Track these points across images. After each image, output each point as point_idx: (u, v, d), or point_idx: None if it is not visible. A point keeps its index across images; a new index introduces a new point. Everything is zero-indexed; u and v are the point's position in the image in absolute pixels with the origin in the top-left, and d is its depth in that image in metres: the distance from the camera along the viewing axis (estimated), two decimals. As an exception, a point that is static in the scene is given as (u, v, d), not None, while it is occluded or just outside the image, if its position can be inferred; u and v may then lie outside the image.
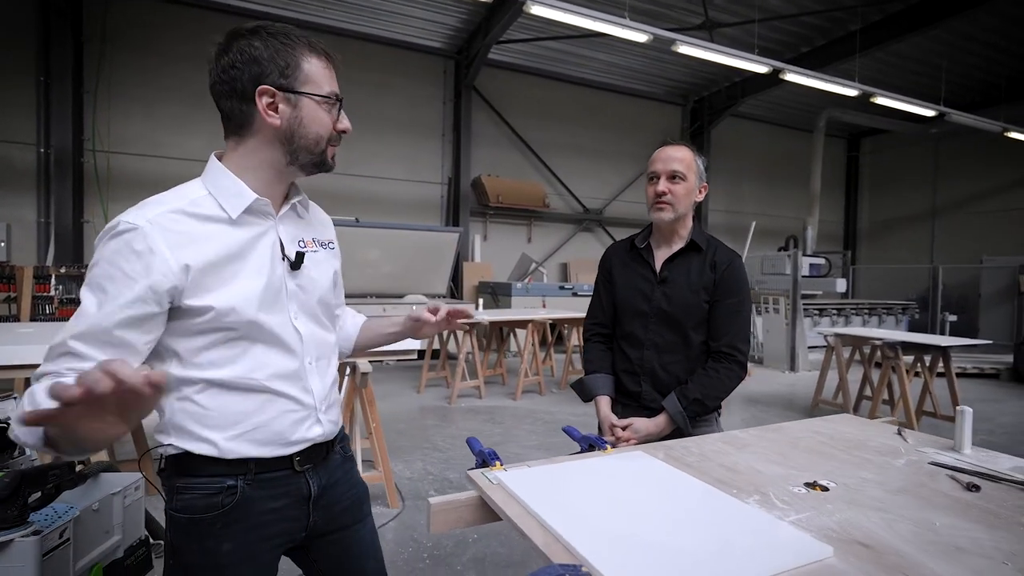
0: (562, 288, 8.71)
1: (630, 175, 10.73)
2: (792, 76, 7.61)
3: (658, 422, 1.49)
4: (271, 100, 0.91)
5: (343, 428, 1.15)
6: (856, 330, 5.11)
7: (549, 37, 8.51)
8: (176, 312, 0.89)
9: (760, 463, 1.17)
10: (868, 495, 1.01)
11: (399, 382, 6.29)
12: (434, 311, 1.17)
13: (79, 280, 5.10)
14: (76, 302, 4.97)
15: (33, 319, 4.50)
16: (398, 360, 7.33)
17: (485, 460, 1.13)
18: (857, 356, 5.16)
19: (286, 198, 1.02)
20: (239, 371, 0.93)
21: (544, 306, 7.96)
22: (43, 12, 6.92)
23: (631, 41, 6.96)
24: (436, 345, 6.17)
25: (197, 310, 0.89)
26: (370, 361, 2.94)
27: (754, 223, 8.62)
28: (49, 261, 6.94)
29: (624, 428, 1.49)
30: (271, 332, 0.96)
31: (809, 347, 7.78)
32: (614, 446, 1.41)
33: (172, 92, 7.47)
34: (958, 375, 6.44)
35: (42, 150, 7.04)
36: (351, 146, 8.57)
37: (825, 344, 5.10)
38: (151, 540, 1.66)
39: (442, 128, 9.31)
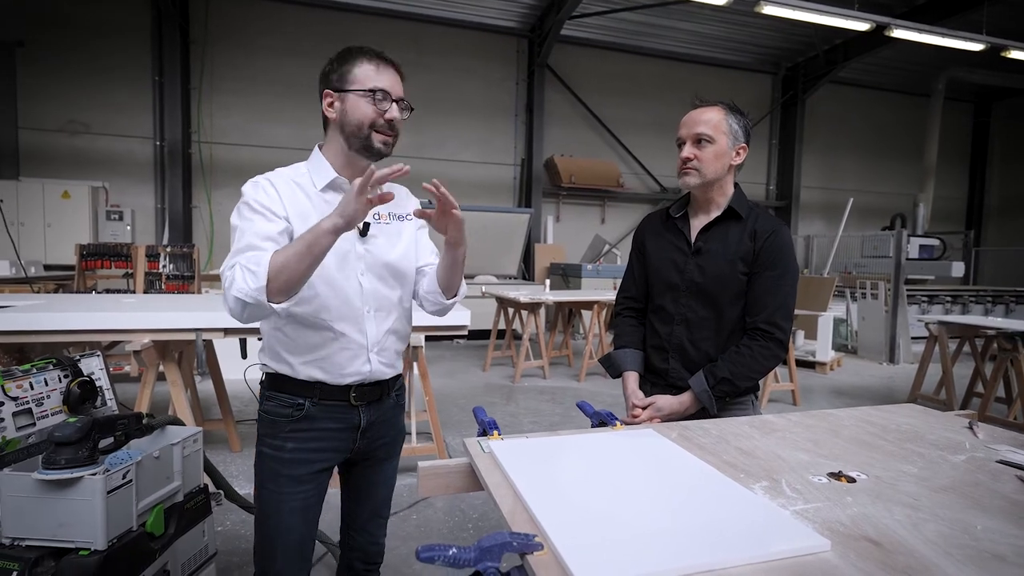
0: (635, 270, 8.45)
1: (712, 151, 10.12)
2: (901, 32, 6.76)
3: (682, 400, 1.40)
4: (330, 100, 1.20)
5: (401, 377, 1.38)
6: (965, 318, 4.51)
7: (624, 8, 8.17)
8: None
9: (784, 449, 1.07)
10: (901, 490, 0.89)
11: (466, 360, 6.44)
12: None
13: (185, 259, 5.66)
14: (181, 278, 5.54)
15: (146, 292, 5.08)
16: (466, 340, 7.52)
17: (485, 430, 1.12)
18: (967, 348, 4.57)
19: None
20: (312, 309, 1.19)
21: (615, 288, 7.78)
22: (156, 20, 7.67)
23: (712, 5, 6.50)
24: (502, 325, 6.23)
25: None
26: (426, 337, 3.01)
27: (851, 200, 7.84)
28: (164, 242, 7.80)
29: (646, 407, 1.41)
30: (338, 281, 1.21)
31: (914, 337, 7.01)
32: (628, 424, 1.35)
33: (262, 84, 8.04)
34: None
35: (158, 143, 7.88)
36: (425, 130, 8.80)
37: (928, 335, 4.55)
38: (210, 488, 1.83)
39: (515, 108, 9.28)
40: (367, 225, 1.26)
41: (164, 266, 5.20)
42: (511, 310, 6.12)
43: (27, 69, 7.35)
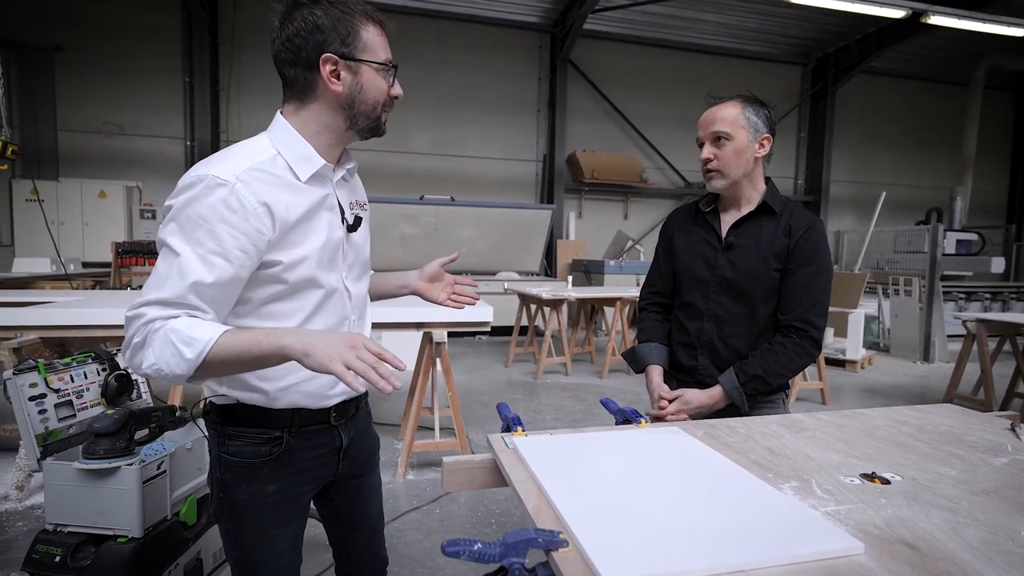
0: (658, 266, 8.35)
1: (739, 145, 9.91)
2: (939, 19, 6.51)
3: (712, 394, 1.37)
4: (334, 68, 0.95)
5: None
6: (1005, 316, 4.34)
7: (648, 0, 8.05)
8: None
9: (814, 449, 1.04)
10: (939, 493, 0.86)
11: (488, 356, 6.46)
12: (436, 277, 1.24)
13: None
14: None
15: (178, 289, 5.24)
16: (488, 336, 7.54)
17: (509, 425, 1.12)
18: (1008, 346, 4.39)
19: (338, 162, 1.07)
20: (294, 325, 1.00)
21: (638, 284, 7.70)
22: (186, 22, 7.86)
23: (739, -4, 6.36)
24: (524, 321, 6.23)
25: (270, 263, 0.94)
26: (448, 333, 3.03)
27: (883, 194, 7.60)
28: (195, 240, 8.00)
29: (673, 399, 1.39)
30: (326, 289, 1.03)
31: (950, 336, 6.78)
32: (659, 419, 1.34)
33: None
34: None
35: (188, 143, 8.08)
36: (447, 127, 8.83)
37: (966, 333, 4.39)
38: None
39: (537, 104, 9.24)
40: (358, 220, 1.09)
41: (195, 263, 5.35)
42: (533, 307, 6.11)
43: (64, 72, 7.61)
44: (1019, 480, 0.92)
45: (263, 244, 0.92)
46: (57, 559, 1.40)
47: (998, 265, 8.00)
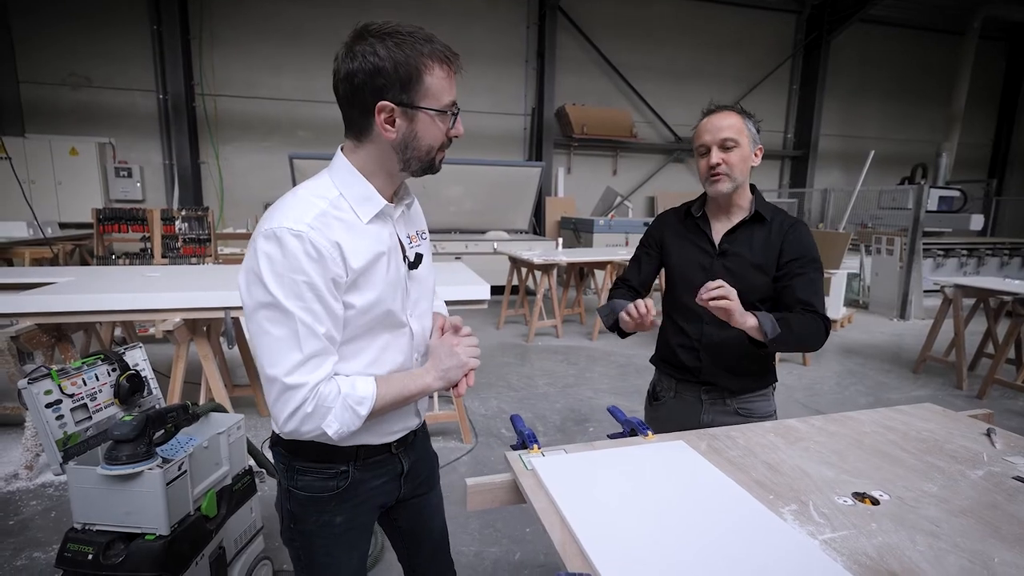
0: (647, 224, 8.38)
1: (732, 98, 9.76)
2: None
3: (748, 316, 1.32)
4: (389, 115, 0.93)
5: None
6: (980, 280, 4.48)
7: (643, -57, 7.67)
8: None
9: (809, 463, 1.13)
10: (923, 514, 0.95)
11: (479, 318, 6.53)
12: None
13: (200, 221, 5.65)
14: (198, 241, 5.57)
15: (164, 256, 5.14)
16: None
17: (525, 442, 1.18)
18: (981, 305, 4.58)
19: (395, 194, 1.05)
20: (359, 366, 1.01)
21: (627, 243, 7.75)
22: (150, -39, 7.31)
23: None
24: (515, 282, 6.28)
25: (345, 305, 0.96)
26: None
27: (872, 152, 7.62)
28: (175, 202, 7.78)
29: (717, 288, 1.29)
30: (392, 329, 1.04)
31: (926, 291, 7.01)
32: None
33: (264, 34, 7.74)
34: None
35: (161, 96, 7.70)
36: (434, 79, 8.51)
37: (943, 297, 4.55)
38: (254, 468, 1.95)
39: (525, 54, 8.93)
40: (419, 256, 1.08)
41: (180, 229, 5.24)
42: (524, 269, 6.15)
43: (22, 19, 7.11)
44: (993, 497, 1.01)
45: (342, 284, 0.94)
46: (90, 557, 1.47)
47: (977, 222, 8.18)
